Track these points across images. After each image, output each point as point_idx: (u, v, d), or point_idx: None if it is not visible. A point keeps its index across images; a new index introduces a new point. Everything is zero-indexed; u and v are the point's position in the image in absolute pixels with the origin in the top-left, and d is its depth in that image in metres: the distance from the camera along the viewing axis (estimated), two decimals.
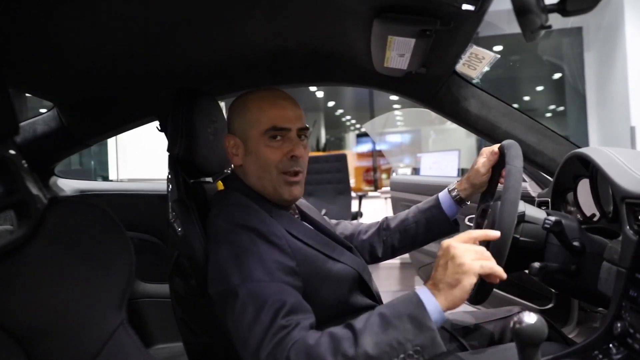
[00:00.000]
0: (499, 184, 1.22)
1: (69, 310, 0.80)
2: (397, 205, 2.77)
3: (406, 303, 0.81)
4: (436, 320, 0.79)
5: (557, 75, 6.45)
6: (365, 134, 8.01)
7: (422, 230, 1.31)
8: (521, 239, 1.03)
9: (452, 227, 1.31)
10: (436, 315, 0.79)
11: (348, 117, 11.31)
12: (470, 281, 0.78)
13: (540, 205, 1.37)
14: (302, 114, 1.11)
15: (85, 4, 0.90)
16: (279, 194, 1.08)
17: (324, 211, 4.02)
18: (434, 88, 1.42)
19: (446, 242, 0.84)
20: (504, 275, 0.81)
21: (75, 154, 1.89)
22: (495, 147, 1.20)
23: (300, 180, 1.10)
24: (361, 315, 0.85)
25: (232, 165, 1.17)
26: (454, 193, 1.28)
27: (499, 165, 1.21)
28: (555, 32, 5.39)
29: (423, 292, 0.82)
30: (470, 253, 0.80)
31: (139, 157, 4.55)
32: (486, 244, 1.01)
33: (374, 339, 0.78)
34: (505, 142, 1.12)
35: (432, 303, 0.80)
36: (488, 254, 0.82)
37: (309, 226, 1.15)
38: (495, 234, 0.88)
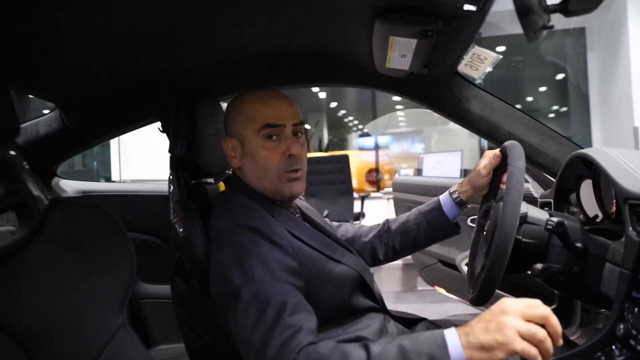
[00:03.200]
0: (501, 185, 1.22)
1: (70, 311, 0.80)
2: (399, 206, 2.76)
3: (430, 342, 0.77)
4: None
5: (560, 76, 6.44)
6: (367, 134, 8.01)
7: (423, 232, 1.31)
8: (523, 240, 1.02)
9: (453, 229, 1.30)
10: None
11: (350, 118, 11.31)
12: (501, 354, 0.72)
13: (542, 206, 1.36)
14: (296, 110, 1.10)
15: (87, 4, 0.90)
16: (280, 192, 1.08)
17: (326, 212, 4.03)
18: (436, 89, 1.42)
19: (507, 300, 0.76)
20: None
21: (78, 154, 1.90)
22: (499, 150, 1.20)
23: (300, 176, 1.10)
24: (380, 339, 0.82)
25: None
26: (455, 195, 1.28)
27: (501, 166, 1.20)
28: (558, 33, 5.38)
29: (451, 335, 0.76)
30: (522, 329, 0.72)
31: (141, 158, 4.57)
32: (489, 243, 1.00)
33: None
34: (507, 143, 1.12)
35: (457, 350, 0.74)
36: (541, 337, 0.72)
37: (310, 227, 1.15)
38: (557, 342, 0.75)
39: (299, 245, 1.03)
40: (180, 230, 1.09)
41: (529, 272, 1.01)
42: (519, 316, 0.73)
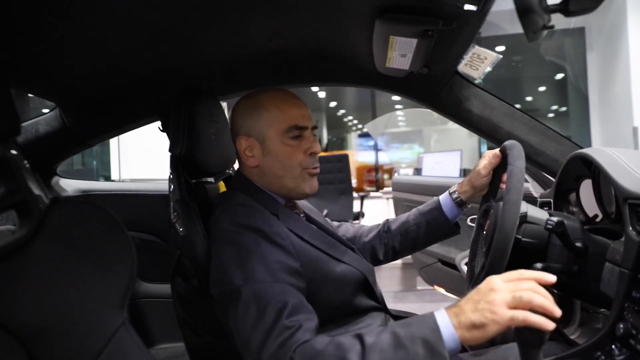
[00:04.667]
0: (501, 185, 1.22)
1: (71, 310, 0.80)
2: (399, 205, 2.77)
3: (422, 325, 0.77)
4: (450, 348, 0.74)
5: (559, 76, 6.44)
6: (366, 134, 8.01)
7: (423, 232, 1.31)
8: (523, 239, 1.02)
9: (453, 230, 1.31)
10: (451, 343, 0.74)
11: (350, 118, 11.30)
12: (494, 329, 0.72)
13: (542, 205, 1.36)
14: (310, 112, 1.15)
15: (87, 4, 0.90)
16: (300, 189, 1.11)
17: (325, 211, 4.04)
18: (436, 88, 1.42)
19: (494, 278, 0.76)
20: (548, 327, 0.69)
21: (78, 154, 1.89)
22: (499, 150, 1.20)
23: (318, 173, 1.14)
24: (373, 329, 0.83)
25: (238, 166, 1.17)
26: (455, 195, 1.28)
27: (501, 166, 1.20)
28: (557, 33, 5.38)
29: (442, 317, 0.77)
30: (508, 298, 0.72)
31: (140, 157, 4.56)
32: (489, 243, 1.01)
33: (382, 357, 0.75)
34: (507, 142, 1.12)
35: (449, 331, 0.75)
36: (527, 299, 0.71)
37: (314, 227, 1.15)
38: (550, 279, 0.75)
39: (302, 245, 1.03)
40: (181, 229, 1.09)
41: None
42: (507, 292, 0.73)
